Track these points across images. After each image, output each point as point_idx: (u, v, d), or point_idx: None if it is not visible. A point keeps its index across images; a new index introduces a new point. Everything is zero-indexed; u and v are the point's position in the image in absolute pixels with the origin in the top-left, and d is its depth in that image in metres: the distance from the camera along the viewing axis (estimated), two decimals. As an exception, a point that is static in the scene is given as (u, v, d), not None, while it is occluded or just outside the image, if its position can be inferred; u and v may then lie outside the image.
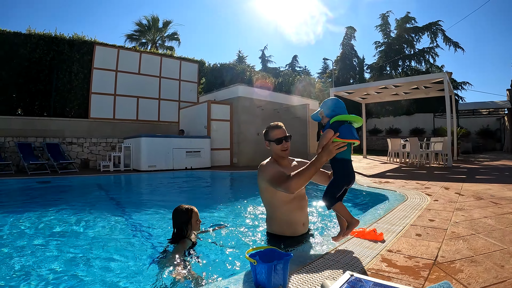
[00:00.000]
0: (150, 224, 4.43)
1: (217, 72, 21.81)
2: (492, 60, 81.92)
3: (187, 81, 17.72)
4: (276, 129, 3.03)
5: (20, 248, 3.34)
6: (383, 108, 33.92)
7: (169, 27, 32.71)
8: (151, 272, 2.68)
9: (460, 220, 3.58)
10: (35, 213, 4.92)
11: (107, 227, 4.24)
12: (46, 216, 4.82)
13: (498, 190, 5.86)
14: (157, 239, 3.67)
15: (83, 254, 3.17)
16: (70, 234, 3.95)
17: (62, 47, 14.23)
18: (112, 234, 3.97)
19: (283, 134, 3.02)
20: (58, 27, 33.34)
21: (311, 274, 2.13)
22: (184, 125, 16.22)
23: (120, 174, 11.02)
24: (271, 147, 3.07)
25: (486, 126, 29.46)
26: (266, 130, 3.11)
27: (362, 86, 15.87)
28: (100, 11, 75.21)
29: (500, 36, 72.80)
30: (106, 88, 14.78)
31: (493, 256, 2.43)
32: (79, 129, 13.98)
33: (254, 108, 15.07)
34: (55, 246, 3.41)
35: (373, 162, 14.56)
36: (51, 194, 7.77)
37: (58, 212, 5.10)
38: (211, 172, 11.71)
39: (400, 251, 2.61)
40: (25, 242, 3.54)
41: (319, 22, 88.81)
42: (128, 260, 3.06)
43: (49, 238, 3.72)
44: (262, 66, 50.18)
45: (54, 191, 8.24)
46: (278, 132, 3.02)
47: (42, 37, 13.88)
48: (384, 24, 39.14)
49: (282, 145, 3.00)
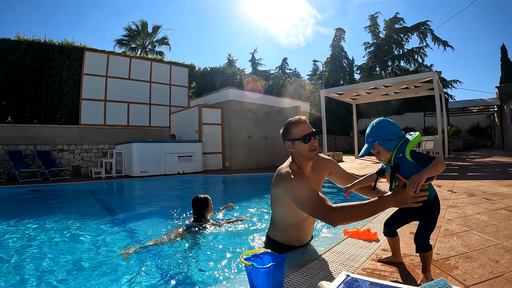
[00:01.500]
0: (144, 231, 4.38)
1: (207, 76, 21.78)
2: (481, 58, 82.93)
3: (178, 85, 17.69)
4: (301, 124, 2.42)
5: (11, 256, 3.28)
6: (373, 109, 34.09)
7: (158, 32, 32.66)
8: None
9: (454, 217, 3.59)
10: (26, 222, 4.85)
11: (100, 235, 4.18)
12: (38, 224, 4.76)
13: (490, 186, 5.89)
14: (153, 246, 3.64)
15: (75, 262, 3.12)
16: (62, 242, 3.89)
17: (52, 53, 14.12)
18: (106, 242, 3.92)
19: (310, 130, 2.42)
20: (47, 33, 33.12)
21: (307, 275, 2.12)
22: (175, 129, 16.16)
23: (112, 181, 10.93)
24: (295, 148, 2.42)
25: (476, 124, 29.73)
26: (286, 128, 2.49)
27: (352, 87, 15.92)
28: (89, 16, 74.96)
29: (488, 34, 73.78)
30: (97, 94, 14.69)
31: (488, 251, 2.44)
32: (70, 135, 13.86)
33: (245, 111, 15.06)
34: (47, 255, 3.36)
35: (365, 162, 14.59)
36: (42, 202, 7.67)
37: (50, 220, 5.04)
38: (204, 177, 11.66)
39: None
40: (16, 251, 3.48)
41: (309, 24, 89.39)
42: (122, 267, 3.02)
43: (41, 246, 3.67)
44: (252, 69, 50.25)
45: (46, 199, 8.14)
46: (304, 127, 2.41)
47: (31, 43, 13.76)
48: (373, 25, 39.32)
49: (311, 143, 2.38)
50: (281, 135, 2.52)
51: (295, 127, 2.41)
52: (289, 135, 2.44)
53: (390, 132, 1.99)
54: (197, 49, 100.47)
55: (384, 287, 1.51)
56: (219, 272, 2.77)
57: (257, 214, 5.06)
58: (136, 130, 15.68)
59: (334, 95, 16.78)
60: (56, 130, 13.65)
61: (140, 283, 2.60)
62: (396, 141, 1.98)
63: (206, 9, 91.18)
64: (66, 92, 14.32)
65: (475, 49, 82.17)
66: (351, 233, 3.05)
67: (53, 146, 13.15)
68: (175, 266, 2.96)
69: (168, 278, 2.69)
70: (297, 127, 2.40)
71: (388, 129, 2.01)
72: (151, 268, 2.93)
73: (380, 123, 2.05)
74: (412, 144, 1.95)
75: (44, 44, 14.09)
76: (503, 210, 3.86)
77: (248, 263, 1.84)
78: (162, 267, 2.94)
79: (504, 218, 3.43)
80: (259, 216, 4.86)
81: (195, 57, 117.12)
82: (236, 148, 14.51)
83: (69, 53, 14.46)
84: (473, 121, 29.94)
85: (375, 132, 2.03)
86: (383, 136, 2.00)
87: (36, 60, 13.77)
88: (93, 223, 4.79)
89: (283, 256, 1.94)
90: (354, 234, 3.03)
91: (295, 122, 2.44)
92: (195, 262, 3.01)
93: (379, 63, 37.56)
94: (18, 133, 12.71)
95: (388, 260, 2.30)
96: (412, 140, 1.95)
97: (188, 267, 2.92)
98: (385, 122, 2.05)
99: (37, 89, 13.85)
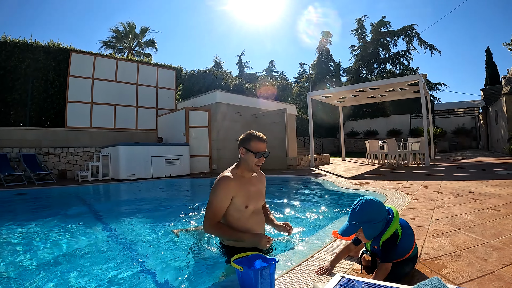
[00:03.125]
0: (132, 235, 4.32)
1: (194, 78, 21.73)
2: (466, 61, 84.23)
3: (165, 88, 17.55)
4: (261, 142, 2.79)
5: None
6: (360, 111, 34.34)
7: (146, 34, 32.44)
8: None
9: (441, 217, 3.62)
10: (11, 226, 4.76)
11: (87, 239, 4.11)
12: (23, 228, 4.66)
13: (477, 186, 5.97)
14: (143, 249, 3.59)
15: (62, 267, 3.06)
16: (48, 247, 3.82)
17: (38, 54, 13.86)
18: (93, 246, 3.85)
19: (264, 150, 2.82)
20: (33, 34, 32.50)
21: (297, 277, 2.12)
22: (162, 132, 16.04)
23: (99, 184, 10.77)
24: (246, 156, 2.80)
25: (461, 125, 30.24)
26: (247, 137, 2.83)
27: (339, 90, 16.00)
28: (76, 17, 74.09)
29: (473, 37, 74.99)
30: (83, 96, 14.48)
31: (476, 250, 2.46)
32: (55, 138, 13.61)
33: (233, 113, 15.02)
34: (32, 260, 3.29)
35: (352, 164, 14.69)
36: (28, 206, 7.55)
37: (34, 224, 4.95)
38: (191, 180, 11.58)
39: (384, 250, 2.61)
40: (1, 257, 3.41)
41: (296, 26, 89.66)
42: (110, 271, 2.97)
43: (26, 252, 3.59)
44: (239, 71, 50.25)
45: (32, 203, 8.00)
46: (262, 146, 2.79)
47: (17, 44, 13.48)
48: (359, 29, 39.67)
49: (259, 160, 2.80)
50: (240, 140, 2.86)
51: (255, 142, 2.78)
52: (247, 145, 2.79)
53: (377, 219, 2.02)
54: (184, 51, 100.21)
55: (378, 286, 1.51)
56: (209, 274, 2.74)
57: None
58: (123, 133, 15.52)
59: (321, 98, 16.85)
60: (41, 133, 13.39)
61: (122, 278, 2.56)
62: (378, 229, 2.03)
63: (193, 11, 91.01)
64: (52, 94, 14.11)
65: (460, 52, 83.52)
66: (339, 235, 3.04)
67: (38, 149, 12.93)
68: (163, 267, 2.93)
69: (151, 278, 2.66)
70: (257, 143, 2.78)
71: (375, 217, 2.02)
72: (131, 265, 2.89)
73: (369, 209, 2.05)
74: (386, 236, 2.02)
75: (30, 45, 13.82)
76: (489, 209, 3.90)
77: (238, 266, 1.82)
78: (148, 266, 2.90)
79: (491, 218, 3.47)
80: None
81: (182, 59, 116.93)
82: (223, 151, 14.45)
83: (55, 55, 14.24)
84: (459, 123, 30.44)
85: (362, 217, 2.04)
86: (369, 224, 2.02)
87: (22, 62, 13.49)
88: (79, 227, 4.71)
89: (273, 259, 1.93)
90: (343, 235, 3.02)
91: (257, 137, 2.79)
92: (185, 264, 2.98)
93: (365, 66, 37.88)
94: (3, 135, 12.42)
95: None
96: (386, 231, 2.02)
97: (176, 268, 2.88)
98: (374, 208, 2.05)
99: (23, 91, 13.59)
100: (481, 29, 71.20)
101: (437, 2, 63.66)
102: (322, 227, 3.65)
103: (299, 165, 14.35)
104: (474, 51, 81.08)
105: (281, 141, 14.50)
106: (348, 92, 15.90)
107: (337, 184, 7.56)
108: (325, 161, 16.61)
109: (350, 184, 7.52)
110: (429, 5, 66.64)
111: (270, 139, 3.02)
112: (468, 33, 76.97)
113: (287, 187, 8.48)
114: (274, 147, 14.39)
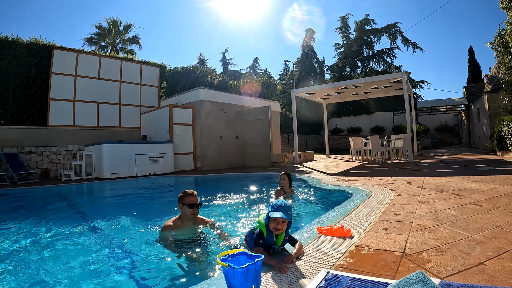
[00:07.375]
0: (116, 234, 4.27)
1: (178, 75, 21.49)
2: (449, 59, 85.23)
3: (148, 85, 17.37)
4: (192, 197, 3.60)
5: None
6: (343, 108, 34.55)
7: (129, 31, 31.97)
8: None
9: (424, 213, 3.66)
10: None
11: (70, 239, 4.04)
12: (4, 229, 4.57)
13: (459, 182, 6.06)
14: (127, 247, 3.56)
15: (46, 269, 3.00)
16: (31, 248, 3.74)
17: (20, 51, 13.53)
18: (76, 246, 3.79)
19: (196, 202, 3.61)
20: (15, 30, 31.53)
21: (283, 274, 2.11)
22: (146, 130, 15.88)
23: (82, 183, 10.58)
24: (183, 209, 3.60)
25: (444, 122, 30.73)
26: (183, 195, 3.62)
27: (323, 87, 16.05)
28: (58, 13, 72.49)
29: (456, 36, 75.98)
30: (65, 94, 14.20)
31: (459, 244, 2.49)
32: (38, 137, 13.32)
33: (217, 111, 14.93)
34: (13, 262, 3.22)
35: (336, 161, 14.78)
36: (10, 206, 7.39)
37: (18, 225, 4.85)
38: (175, 177, 11.49)
39: (368, 245, 2.63)
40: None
41: (281, 24, 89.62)
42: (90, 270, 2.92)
43: (9, 253, 3.51)
44: (223, 69, 50.08)
45: (14, 203, 7.83)
46: (193, 199, 3.59)
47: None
48: (343, 26, 39.82)
49: (193, 210, 3.59)
50: (179, 197, 3.66)
51: (188, 197, 3.60)
52: (183, 200, 3.61)
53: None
54: (168, 48, 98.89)
55: (364, 281, 1.51)
56: (196, 272, 2.72)
57: (228, 213, 5.06)
58: (106, 131, 15.30)
59: (305, 95, 16.90)
60: (23, 132, 13.08)
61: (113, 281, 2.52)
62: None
63: (177, 8, 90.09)
64: (34, 92, 13.82)
65: (443, 51, 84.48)
66: (325, 231, 3.05)
67: (20, 148, 12.62)
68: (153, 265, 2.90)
69: (141, 277, 2.63)
70: (189, 198, 3.60)
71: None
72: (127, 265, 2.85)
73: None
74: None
75: (12, 42, 13.46)
76: (472, 204, 3.96)
77: (224, 264, 1.81)
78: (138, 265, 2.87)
79: (474, 212, 3.52)
80: (230, 215, 4.85)
81: (166, 56, 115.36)
82: (207, 149, 14.38)
83: (38, 52, 13.94)
84: (441, 120, 30.93)
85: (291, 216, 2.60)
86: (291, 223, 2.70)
87: (3, 59, 13.15)
88: (62, 227, 4.62)
89: (259, 256, 1.92)
90: (328, 231, 3.03)
91: (189, 194, 3.62)
92: (172, 262, 2.95)
93: (349, 63, 38.11)
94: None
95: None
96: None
97: (165, 267, 2.86)
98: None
99: (4, 89, 13.25)
100: (464, 28, 72.11)
101: (422, 0, 64.26)
102: (307, 224, 3.65)
103: (283, 162, 14.38)
104: (457, 49, 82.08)
105: (265, 138, 14.48)
106: (332, 90, 15.98)
107: (321, 181, 7.59)
108: (309, 158, 16.67)
109: (334, 180, 7.57)
110: (413, 3, 67.24)
111: (254, 136, 3.06)
112: (451, 32, 77.86)
113: (271, 185, 8.47)
114: (258, 144, 14.44)
